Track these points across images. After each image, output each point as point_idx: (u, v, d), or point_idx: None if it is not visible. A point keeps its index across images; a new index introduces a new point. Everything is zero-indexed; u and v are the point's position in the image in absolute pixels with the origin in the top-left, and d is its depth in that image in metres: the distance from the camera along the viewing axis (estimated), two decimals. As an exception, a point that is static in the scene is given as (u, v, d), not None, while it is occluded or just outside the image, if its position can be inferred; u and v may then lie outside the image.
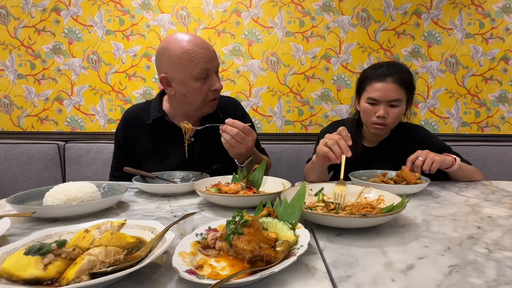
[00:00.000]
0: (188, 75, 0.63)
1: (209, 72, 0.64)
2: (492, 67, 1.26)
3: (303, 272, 0.28)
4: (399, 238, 0.37)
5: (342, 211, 0.42)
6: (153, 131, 0.71)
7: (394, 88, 0.69)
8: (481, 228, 0.40)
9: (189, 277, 0.25)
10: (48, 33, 1.25)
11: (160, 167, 0.69)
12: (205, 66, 0.63)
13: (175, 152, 0.71)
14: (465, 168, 0.69)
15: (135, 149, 0.73)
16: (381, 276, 0.28)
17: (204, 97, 0.66)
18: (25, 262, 0.26)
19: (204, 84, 0.64)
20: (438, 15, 1.26)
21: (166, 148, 0.71)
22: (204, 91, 0.65)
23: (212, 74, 0.65)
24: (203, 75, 0.63)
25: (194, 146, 0.72)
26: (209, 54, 0.63)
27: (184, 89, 0.65)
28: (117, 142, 0.76)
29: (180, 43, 0.62)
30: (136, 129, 0.73)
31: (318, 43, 1.27)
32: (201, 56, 0.62)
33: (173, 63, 0.63)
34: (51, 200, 0.45)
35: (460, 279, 0.27)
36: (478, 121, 1.29)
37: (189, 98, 0.66)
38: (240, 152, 0.58)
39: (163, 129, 0.71)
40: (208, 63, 0.63)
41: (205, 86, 0.64)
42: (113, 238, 0.31)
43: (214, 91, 0.65)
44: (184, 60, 0.62)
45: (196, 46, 0.62)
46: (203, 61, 0.62)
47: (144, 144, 0.72)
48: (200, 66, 0.62)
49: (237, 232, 0.30)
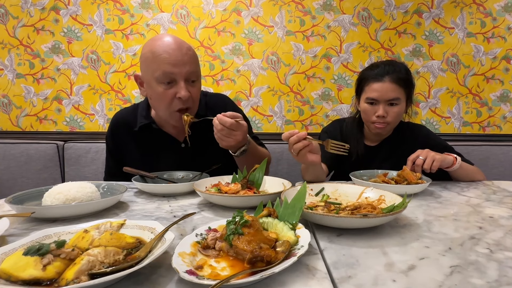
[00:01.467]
0: (151, 76, 0.59)
1: (175, 77, 0.58)
2: (493, 67, 1.26)
3: (304, 272, 0.28)
4: (400, 238, 0.37)
5: (342, 211, 0.42)
6: (142, 138, 0.67)
7: (391, 88, 0.69)
8: (483, 228, 0.40)
9: (189, 277, 0.25)
10: (47, 32, 1.25)
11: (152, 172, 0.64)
12: (169, 69, 0.57)
13: (165, 160, 0.67)
14: (466, 168, 0.68)
15: (125, 156, 0.69)
16: (382, 277, 0.28)
17: (167, 103, 0.60)
18: (24, 263, 0.26)
19: (168, 89, 0.59)
20: (439, 14, 1.25)
21: (157, 154, 0.68)
22: (167, 97, 0.59)
23: (179, 80, 0.58)
24: (166, 79, 0.58)
25: (185, 151, 0.68)
26: (177, 57, 0.57)
27: (149, 92, 0.61)
28: (107, 149, 0.73)
29: (153, 42, 0.59)
30: (124, 137, 0.69)
31: (318, 42, 1.27)
32: (166, 57, 0.57)
33: (142, 61, 0.60)
34: (50, 200, 0.45)
35: (461, 280, 0.27)
36: (479, 121, 1.29)
37: (154, 102, 0.62)
38: (229, 145, 0.57)
39: (152, 136, 0.67)
40: (173, 67, 0.57)
41: (170, 92, 0.59)
42: (112, 239, 0.31)
43: (179, 99, 0.59)
44: (149, 60, 0.58)
45: (165, 47, 0.57)
46: (166, 63, 0.57)
47: (133, 153, 0.68)
48: (162, 68, 0.57)
49: (237, 232, 0.30)
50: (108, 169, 0.74)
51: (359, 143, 0.78)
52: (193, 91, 0.61)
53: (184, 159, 0.68)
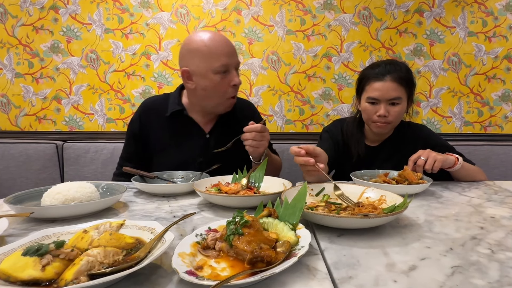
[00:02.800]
0: (208, 68, 0.64)
1: (229, 67, 0.65)
2: (495, 66, 1.25)
3: (304, 273, 0.28)
4: (401, 238, 0.37)
5: (343, 212, 0.42)
6: (171, 123, 0.72)
7: (393, 87, 0.69)
8: (484, 228, 0.40)
9: (189, 278, 0.24)
10: (46, 32, 1.24)
11: (174, 160, 0.70)
12: (225, 60, 0.64)
13: (190, 146, 0.72)
14: (467, 168, 0.68)
15: (151, 140, 0.73)
16: (383, 277, 0.28)
17: (223, 92, 0.67)
18: (23, 263, 0.25)
19: (224, 78, 0.65)
20: (441, 13, 1.25)
21: (181, 141, 0.72)
22: (223, 85, 0.66)
23: (232, 70, 0.66)
24: (223, 68, 0.65)
25: (208, 143, 0.73)
26: (229, 49, 0.65)
27: (204, 83, 0.66)
28: (130, 133, 0.76)
29: (202, 37, 0.65)
30: (153, 120, 0.73)
31: (319, 41, 1.26)
32: (221, 49, 0.64)
33: (194, 56, 0.65)
34: (49, 200, 0.44)
35: (462, 280, 0.27)
36: (481, 121, 1.28)
37: (209, 92, 0.67)
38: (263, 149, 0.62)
39: (180, 123, 0.72)
40: (228, 58, 0.65)
41: (225, 81, 0.66)
42: (112, 239, 0.31)
43: (233, 86, 0.66)
44: (205, 53, 0.64)
45: (217, 41, 0.65)
46: (223, 54, 0.64)
47: (160, 136, 0.72)
48: (220, 59, 0.64)
49: (237, 232, 0.30)
50: (127, 154, 0.76)
51: (360, 143, 0.78)
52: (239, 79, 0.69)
53: (207, 149, 0.72)
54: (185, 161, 0.70)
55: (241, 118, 0.68)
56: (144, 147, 0.73)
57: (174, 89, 0.78)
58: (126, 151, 0.76)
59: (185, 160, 0.70)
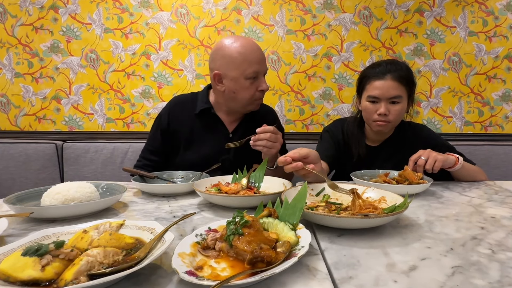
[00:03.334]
0: (240, 74, 0.69)
1: (259, 74, 0.70)
2: (495, 66, 1.25)
3: (304, 273, 0.28)
4: (401, 238, 0.37)
5: (343, 212, 0.42)
6: (198, 120, 0.77)
7: (393, 85, 0.69)
8: (485, 228, 0.40)
9: (189, 278, 0.24)
10: (46, 31, 1.24)
11: (198, 155, 0.75)
12: (257, 67, 0.69)
13: (214, 142, 0.76)
14: (468, 167, 0.68)
15: (178, 135, 0.77)
16: (383, 277, 0.28)
17: (251, 95, 0.71)
18: (22, 263, 0.25)
19: (253, 83, 0.70)
20: (441, 13, 1.25)
21: (207, 138, 0.77)
22: (252, 90, 0.71)
23: (260, 76, 0.71)
24: (254, 75, 0.70)
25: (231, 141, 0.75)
26: (261, 57, 0.70)
27: (235, 87, 0.70)
28: (157, 127, 0.79)
29: (236, 43, 0.69)
30: (182, 116, 0.77)
31: (319, 41, 1.26)
32: (254, 57, 0.69)
33: (228, 62, 0.69)
34: (49, 200, 0.44)
35: (463, 280, 0.27)
36: (481, 120, 1.28)
37: (238, 95, 0.71)
38: (276, 151, 0.65)
39: (207, 120, 0.77)
40: (259, 65, 0.70)
41: (254, 86, 0.70)
42: (111, 239, 0.31)
43: (261, 91, 0.72)
44: (239, 60, 0.68)
45: (250, 48, 0.69)
46: (255, 62, 0.69)
47: (188, 132, 0.77)
48: (252, 66, 0.69)
49: (238, 232, 0.30)
50: (152, 148, 0.79)
51: (361, 143, 0.78)
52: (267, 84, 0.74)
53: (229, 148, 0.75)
54: (209, 157, 0.73)
55: (263, 122, 0.70)
56: (171, 142, 0.77)
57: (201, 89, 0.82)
58: (151, 145, 0.79)
59: (208, 156, 0.74)
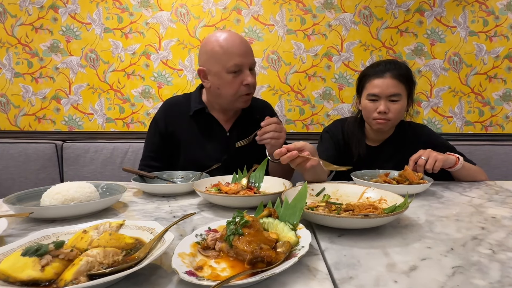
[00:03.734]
0: (221, 68, 0.66)
1: (242, 67, 0.66)
2: (496, 66, 1.25)
3: (304, 273, 0.28)
4: (401, 239, 0.37)
5: (344, 212, 0.41)
6: (193, 121, 0.74)
7: (392, 83, 0.70)
8: (485, 228, 0.40)
9: (189, 278, 0.24)
10: (45, 31, 1.24)
11: (198, 157, 0.72)
12: (238, 60, 0.65)
13: (212, 143, 0.74)
14: (468, 167, 0.68)
15: (176, 136, 0.75)
16: (383, 278, 0.28)
17: (235, 90, 0.68)
18: (22, 264, 0.25)
19: (236, 78, 0.67)
20: (441, 12, 1.24)
21: (204, 139, 0.74)
22: (236, 84, 0.67)
23: (245, 69, 0.67)
24: (235, 68, 0.66)
25: (229, 140, 0.74)
26: (243, 49, 0.66)
27: (218, 82, 0.68)
28: (154, 130, 0.76)
29: (217, 38, 0.66)
30: (177, 118, 0.75)
31: (319, 41, 1.26)
32: (234, 50, 0.65)
33: (209, 56, 0.67)
34: (49, 200, 0.44)
35: (463, 281, 0.27)
36: (481, 120, 1.28)
37: (223, 91, 0.68)
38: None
39: (202, 120, 0.74)
40: (241, 57, 0.66)
41: (238, 80, 0.67)
42: (111, 239, 0.31)
43: (246, 85, 0.68)
44: (220, 53, 0.65)
45: (231, 41, 0.66)
46: (236, 55, 0.65)
47: (185, 134, 0.74)
48: (232, 59, 0.65)
49: (238, 233, 0.30)
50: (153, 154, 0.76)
51: (361, 143, 0.78)
52: (254, 78, 0.70)
53: (227, 146, 0.74)
54: (209, 158, 0.71)
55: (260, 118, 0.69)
56: (171, 145, 0.75)
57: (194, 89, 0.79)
58: (151, 151, 0.76)
59: (209, 157, 0.72)
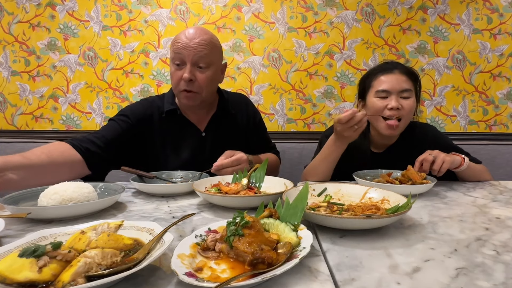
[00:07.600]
0: (170, 57, 0.68)
1: (182, 60, 0.65)
2: (500, 64, 1.24)
3: (306, 275, 0.28)
4: (404, 240, 0.36)
5: (345, 212, 0.41)
6: (168, 123, 0.71)
7: (403, 78, 0.67)
8: (489, 229, 0.40)
9: (188, 280, 0.24)
10: (43, 29, 1.23)
11: (174, 160, 0.69)
12: (179, 51, 0.64)
13: (188, 146, 0.71)
14: (473, 168, 0.67)
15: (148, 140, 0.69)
16: (386, 279, 0.27)
17: (176, 83, 0.67)
18: (19, 265, 0.25)
19: (178, 70, 0.66)
20: (445, 10, 1.23)
21: (180, 142, 0.72)
22: (176, 77, 0.66)
23: (186, 63, 0.65)
24: (177, 60, 0.65)
25: (205, 141, 0.72)
26: (188, 42, 0.64)
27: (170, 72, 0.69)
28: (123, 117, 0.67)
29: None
30: (151, 119, 0.70)
31: (321, 39, 1.25)
32: (179, 40, 0.65)
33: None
34: (46, 200, 0.44)
35: (467, 282, 0.27)
36: (486, 119, 1.27)
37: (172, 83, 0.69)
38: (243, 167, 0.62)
39: (176, 123, 0.72)
40: (183, 50, 0.64)
41: (178, 73, 0.66)
42: (110, 240, 0.30)
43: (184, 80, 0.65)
44: (171, 43, 0.68)
45: (183, 32, 0.66)
46: (179, 46, 0.64)
47: (159, 138, 0.71)
48: (175, 50, 0.65)
49: (238, 233, 0.30)
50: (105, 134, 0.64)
51: (364, 150, 0.75)
52: (200, 77, 0.66)
53: (203, 148, 0.72)
54: (186, 161, 0.69)
55: (235, 113, 0.68)
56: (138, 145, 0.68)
57: None
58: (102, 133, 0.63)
59: (185, 160, 0.70)
